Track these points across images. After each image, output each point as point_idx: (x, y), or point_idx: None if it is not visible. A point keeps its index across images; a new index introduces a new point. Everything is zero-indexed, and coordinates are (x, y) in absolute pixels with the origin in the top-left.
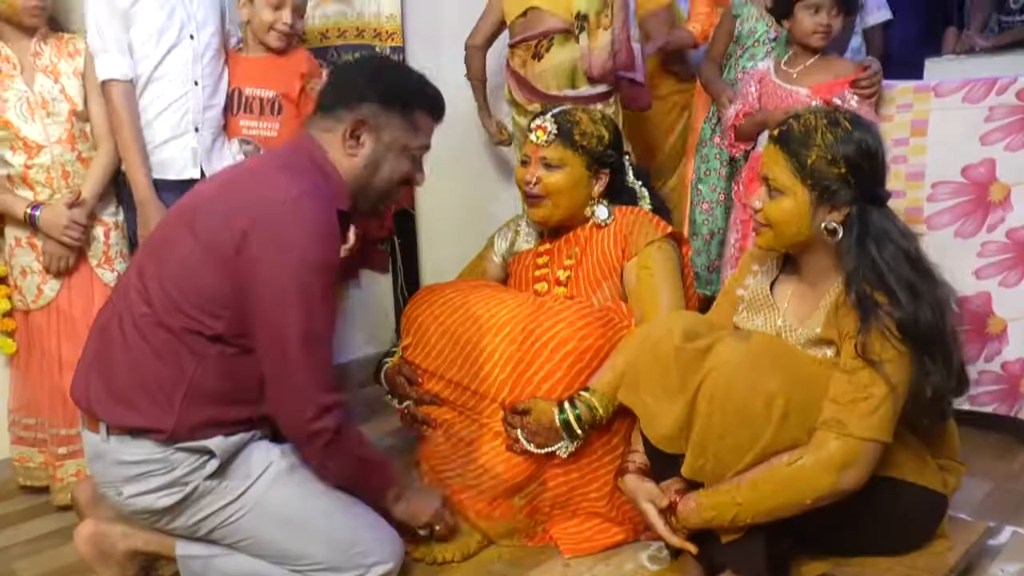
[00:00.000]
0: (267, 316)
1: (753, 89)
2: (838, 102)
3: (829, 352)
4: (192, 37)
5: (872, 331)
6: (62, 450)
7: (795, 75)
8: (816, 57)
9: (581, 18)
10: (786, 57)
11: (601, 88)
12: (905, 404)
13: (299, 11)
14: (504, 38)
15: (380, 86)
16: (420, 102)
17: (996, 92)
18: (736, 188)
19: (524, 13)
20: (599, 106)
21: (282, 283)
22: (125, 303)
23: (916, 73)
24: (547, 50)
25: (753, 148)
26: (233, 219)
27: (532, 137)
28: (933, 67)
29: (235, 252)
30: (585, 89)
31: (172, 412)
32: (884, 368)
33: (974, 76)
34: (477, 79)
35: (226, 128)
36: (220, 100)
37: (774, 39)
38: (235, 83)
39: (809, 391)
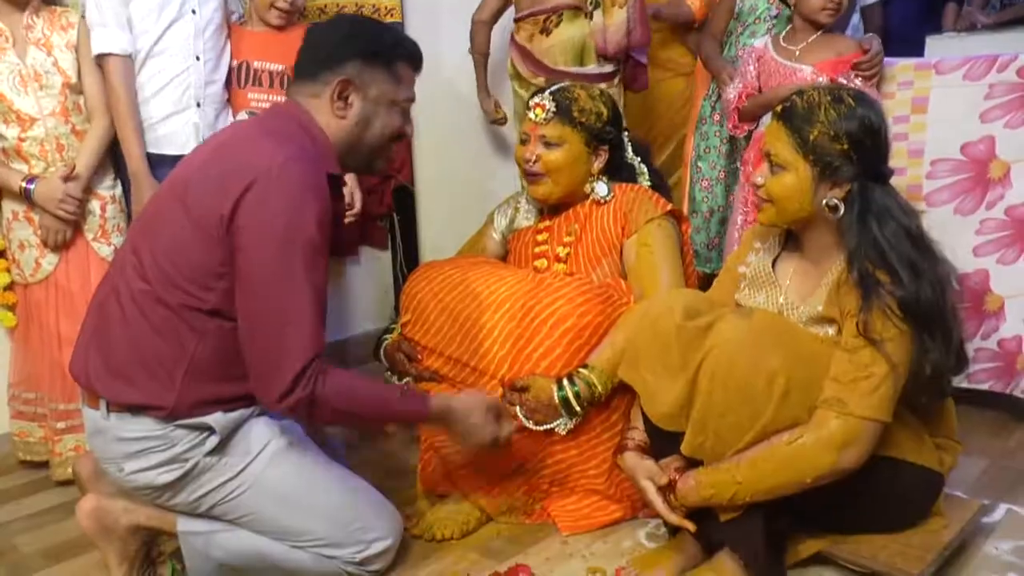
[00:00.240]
0: (248, 285)
1: (752, 68)
2: (843, 81)
3: (830, 330)
4: (194, 12)
5: (874, 309)
6: (61, 424)
7: (797, 52)
8: (818, 34)
9: None
10: (784, 33)
11: (608, 67)
12: (905, 383)
13: None
14: (509, 15)
15: (359, 44)
16: (400, 54)
17: (997, 69)
18: (744, 168)
19: None
20: (603, 85)
21: (268, 252)
22: (122, 279)
23: (916, 50)
24: (556, 25)
25: (756, 127)
26: (221, 189)
27: (531, 115)
28: (934, 44)
29: (224, 222)
30: (592, 67)
31: (173, 388)
32: (885, 347)
33: (975, 53)
34: (480, 54)
35: (231, 101)
36: (222, 75)
37: (775, 16)
38: (242, 56)
39: (810, 369)
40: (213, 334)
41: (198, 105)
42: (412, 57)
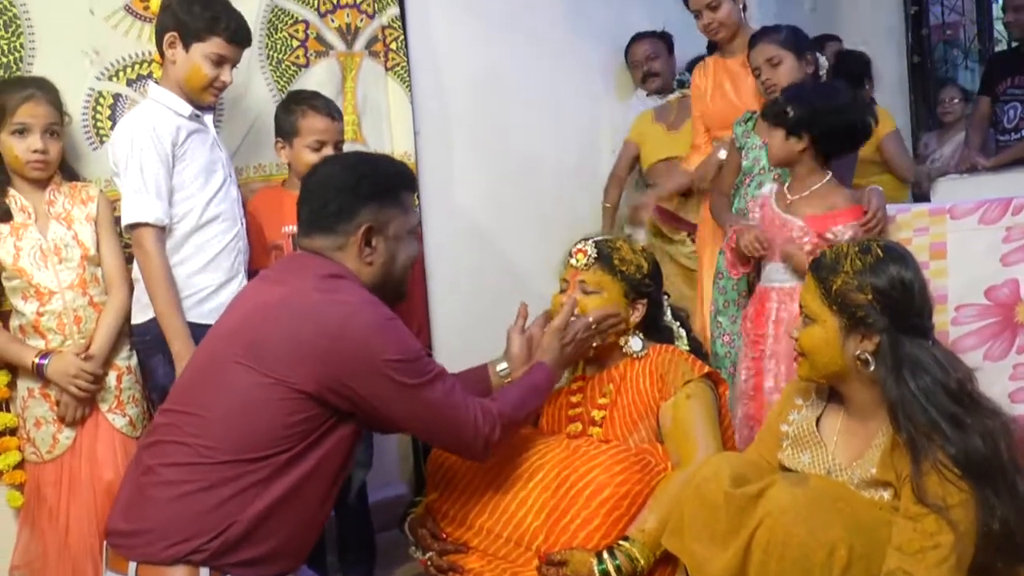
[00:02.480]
0: (398, 423)
1: (757, 214)
2: (830, 236)
3: (886, 494)
4: (230, 176)
5: (928, 472)
6: None
7: (791, 202)
8: (823, 183)
9: None
10: (788, 182)
11: None
12: (976, 547)
13: (338, 147)
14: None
15: (369, 187)
16: (402, 184)
17: (1012, 212)
18: (744, 324)
19: (666, 159)
20: None
21: (391, 392)
22: (173, 445)
23: None
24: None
25: (756, 277)
26: (309, 350)
27: (572, 261)
28: (939, 187)
29: (323, 381)
30: None
31: (223, 533)
32: (950, 514)
33: (980, 195)
34: (612, 204)
35: None
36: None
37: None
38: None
39: (871, 539)
40: (286, 481)
41: (246, 272)
42: (411, 182)
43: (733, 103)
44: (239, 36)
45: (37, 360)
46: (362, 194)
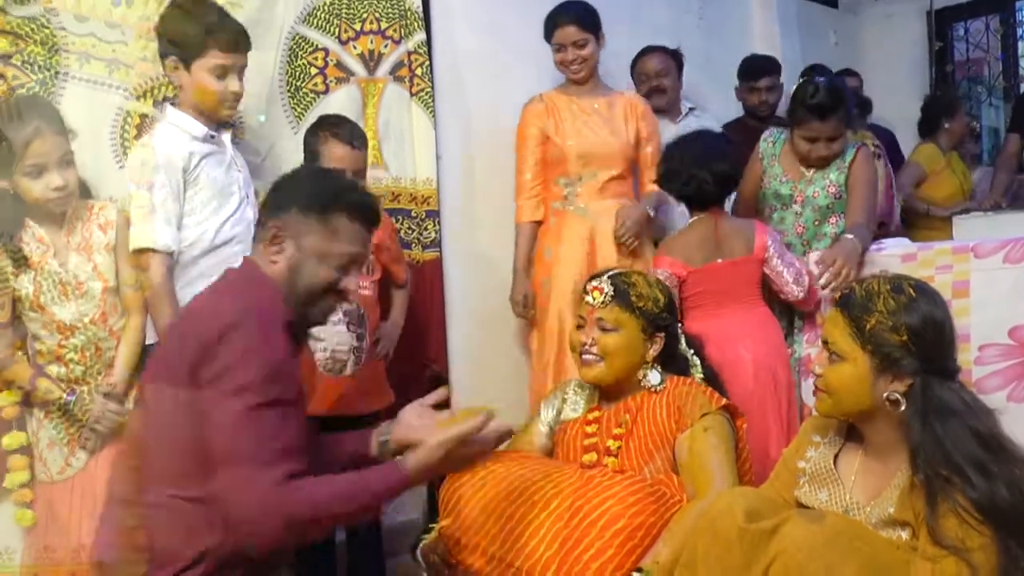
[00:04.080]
0: (216, 451)
1: None
2: None
3: (904, 534)
4: (247, 196)
5: (945, 515)
6: None
7: None
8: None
9: None
10: None
11: None
12: None
13: (359, 176)
14: None
15: (301, 192)
16: (340, 206)
17: None
18: None
19: None
20: None
21: (225, 415)
22: (135, 472)
23: None
24: None
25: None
26: (180, 360)
27: (588, 299)
28: (961, 224)
29: (188, 394)
30: None
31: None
32: (972, 557)
33: (1004, 233)
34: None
35: None
36: None
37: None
38: None
39: None
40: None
41: None
42: (352, 210)
43: (606, 139)
44: (235, 42)
45: (66, 396)
46: (292, 196)
